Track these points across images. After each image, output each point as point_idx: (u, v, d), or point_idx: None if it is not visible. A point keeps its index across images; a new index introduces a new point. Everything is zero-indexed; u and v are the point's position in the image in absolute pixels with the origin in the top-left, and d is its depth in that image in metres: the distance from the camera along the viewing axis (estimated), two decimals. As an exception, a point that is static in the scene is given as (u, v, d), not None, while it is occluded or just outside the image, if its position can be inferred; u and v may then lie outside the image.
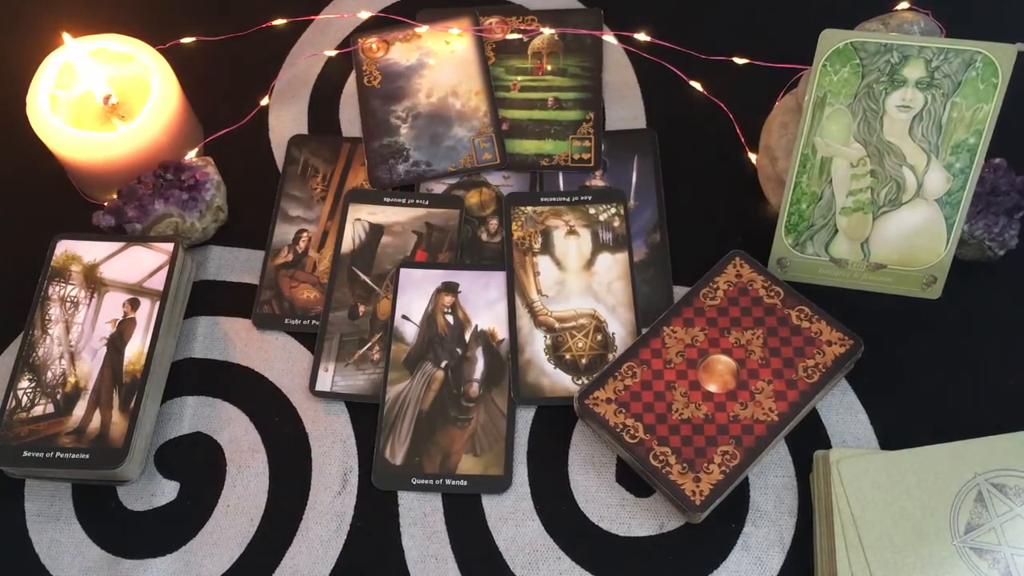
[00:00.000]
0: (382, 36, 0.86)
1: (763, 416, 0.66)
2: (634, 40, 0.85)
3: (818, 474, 0.65)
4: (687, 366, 0.68)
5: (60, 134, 0.74)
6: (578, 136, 0.81)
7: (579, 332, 0.72)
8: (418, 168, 0.80)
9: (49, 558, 0.67)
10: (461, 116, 0.81)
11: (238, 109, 0.83)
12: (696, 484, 0.64)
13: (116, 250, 0.73)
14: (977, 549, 0.60)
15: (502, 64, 0.84)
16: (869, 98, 0.68)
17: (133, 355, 0.69)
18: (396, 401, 0.70)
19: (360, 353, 0.72)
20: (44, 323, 0.71)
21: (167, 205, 0.74)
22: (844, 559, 0.61)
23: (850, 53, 0.67)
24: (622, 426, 0.66)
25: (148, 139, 0.75)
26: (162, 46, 0.80)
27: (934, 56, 0.66)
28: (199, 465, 0.70)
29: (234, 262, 0.77)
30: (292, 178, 0.80)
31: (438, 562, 0.66)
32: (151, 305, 0.71)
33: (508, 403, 0.70)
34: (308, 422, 0.71)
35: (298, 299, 0.75)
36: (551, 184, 0.79)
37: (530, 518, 0.67)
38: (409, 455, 0.68)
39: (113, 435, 0.66)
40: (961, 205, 0.68)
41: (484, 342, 0.72)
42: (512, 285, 0.74)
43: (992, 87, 0.66)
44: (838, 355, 0.68)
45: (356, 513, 0.67)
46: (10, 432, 0.66)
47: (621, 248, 0.75)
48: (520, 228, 0.76)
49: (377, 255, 0.76)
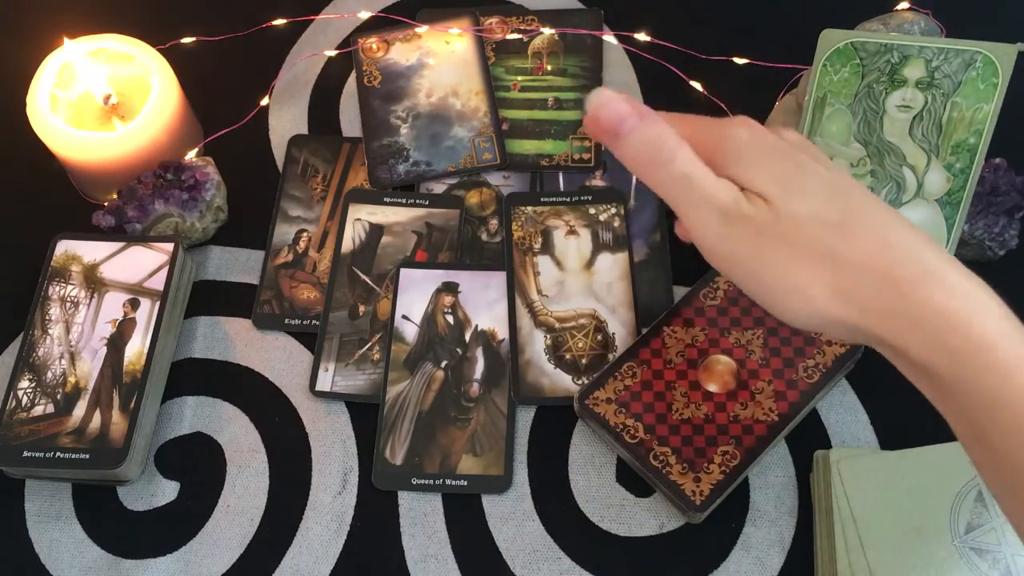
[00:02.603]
0: (382, 36, 0.85)
1: (763, 416, 0.66)
2: (634, 40, 0.85)
3: (818, 474, 0.65)
4: (687, 366, 0.68)
5: (60, 134, 0.74)
6: (578, 136, 0.81)
7: (579, 332, 0.72)
8: (418, 168, 0.80)
9: (49, 558, 0.67)
10: (461, 116, 0.81)
11: (238, 109, 0.83)
12: (696, 484, 0.64)
13: (116, 250, 0.73)
14: (977, 549, 0.60)
15: (502, 64, 0.84)
16: (869, 98, 0.68)
17: (133, 355, 0.69)
18: (396, 401, 0.70)
19: (360, 353, 0.72)
20: (44, 323, 0.71)
21: (167, 205, 0.74)
22: (844, 559, 0.61)
23: (850, 53, 0.67)
24: (622, 426, 0.66)
25: (148, 139, 0.75)
26: (162, 46, 0.80)
27: (934, 56, 0.66)
28: (199, 465, 0.70)
29: (234, 262, 0.77)
30: (292, 178, 0.80)
31: (438, 562, 0.66)
32: (151, 305, 0.71)
33: (508, 403, 0.70)
34: (308, 422, 0.71)
35: (298, 299, 0.75)
36: (551, 184, 0.79)
37: (530, 518, 0.67)
38: (409, 455, 0.68)
39: (113, 435, 0.66)
40: (961, 205, 0.68)
41: (484, 342, 0.72)
42: (512, 285, 0.74)
43: (992, 87, 0.66)
44: (838, 355, 0.68)
45: (356, 513, 0.67)
46: (10, 432, 0.66)
47: (621, 248, 0.75)
48: (520, 228, 0.76)
49: (377, 255, 0.76)
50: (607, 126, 0.45)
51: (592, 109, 0.46)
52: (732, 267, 0.46)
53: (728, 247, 0.46)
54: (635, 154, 0.46)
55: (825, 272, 0.45)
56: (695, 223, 0.46)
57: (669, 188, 0.46)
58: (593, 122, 0.46)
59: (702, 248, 0.47)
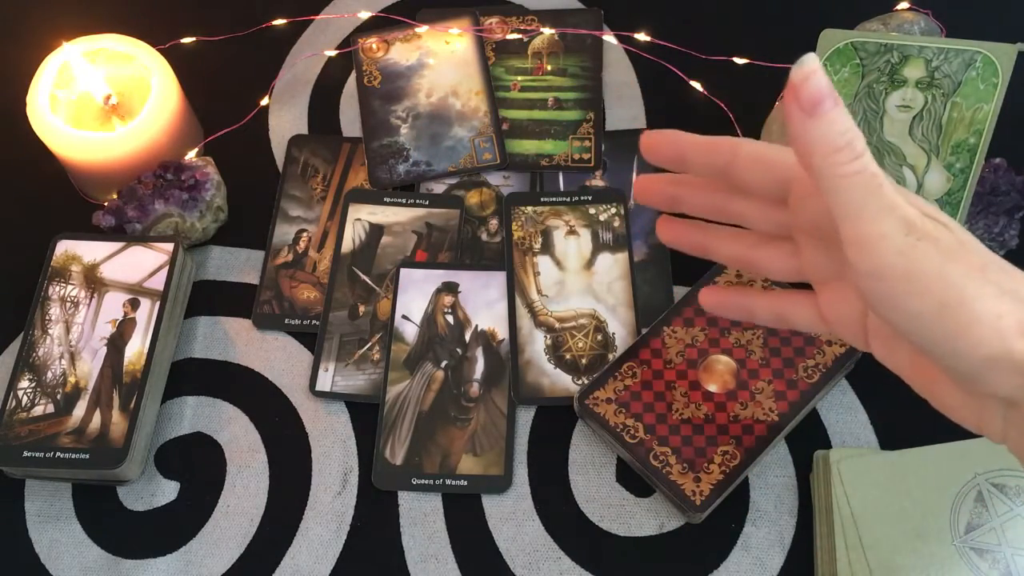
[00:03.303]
0: (382, 36, 0.86)
1: (763, 416, 0.66)
2: (634, 40, 0.85)
3: (818, 474, 0.65)
4: (687, 366, 0.68)
5: (60, 134, 0.74)
6: (578, 136, 0.81)
7: (579, 332, 0.72)
8: (418, 168, 0.80)
9: (49, 558, 0.67)
10: (461, 116, 0.81)
11: (238, 109, 0.83)
12: (696, 484, 0.64)
13: (116, 250, 0.73)
14: (977, 549, 0.60)
15: (502, 64, 0.84)
16: (869, 98, 0.68)
17: (133, 355, 0.69)
18: (396, 401, 0.70)
19: (360, 353, 0.72)
20: (44, 323, 0.71)
21: (167, 205, 0.74)
22: (844, 559, 0.61)
23: (850, 53, 0.67)
24: (622, 426, 0.66)
25: (148, 139, 0.75)
26: (162, 46, 0.80)
27: (934, 56, 0.66)
28: (199, 465, 0.70)
29: (234, 262, 0.77)
30: (292, 178, 0.80)
31: (438, 562, 0.66)
32: (151, 305, 0.71)
33: (508, 403, 0.70)
34: (308, 422, 0.71)
35: (298, 299, 0.75)
36: (551, 184, 0.79)
37: (530, 518, 0.67)
38: (409, 455, 0.68)
39: (113, 435, 0.66)
40: (961, 205, 0.68)
41: (484, 342, 0.72)
42: (512, 285, 0.74)
43: (992, 87, 0.66)
44: (838, 355, 0.68)
45: (356, 513, 0.67)
46: (10, 432, 0.66)
47: (621, 248, 0.75)
48: (520, 228, 0.76)
49: (377, 255, 0.76)
50: (806, 100, 0.40)
51: (798, 77, 0.40)
52: (908, 286, 0.41)
53: (908, 263, 0.41)
54: (821, 140, 0.41)
55: (1015, 309, 0.40)
56: (871, 232, 0.41)
57: (851, 186, 0.41)
58: (793, 90, 0.40)
59: (870, 262, 0.41)
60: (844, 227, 0.41)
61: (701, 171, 0.49)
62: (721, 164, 0.48)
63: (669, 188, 0.52)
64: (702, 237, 0.53)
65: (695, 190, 0.51)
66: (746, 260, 0.52)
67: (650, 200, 0.54)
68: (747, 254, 0.52)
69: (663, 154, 0.49)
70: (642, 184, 0.54)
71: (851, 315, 0.48)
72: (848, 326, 0.48)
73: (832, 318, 0.49)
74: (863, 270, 0.41)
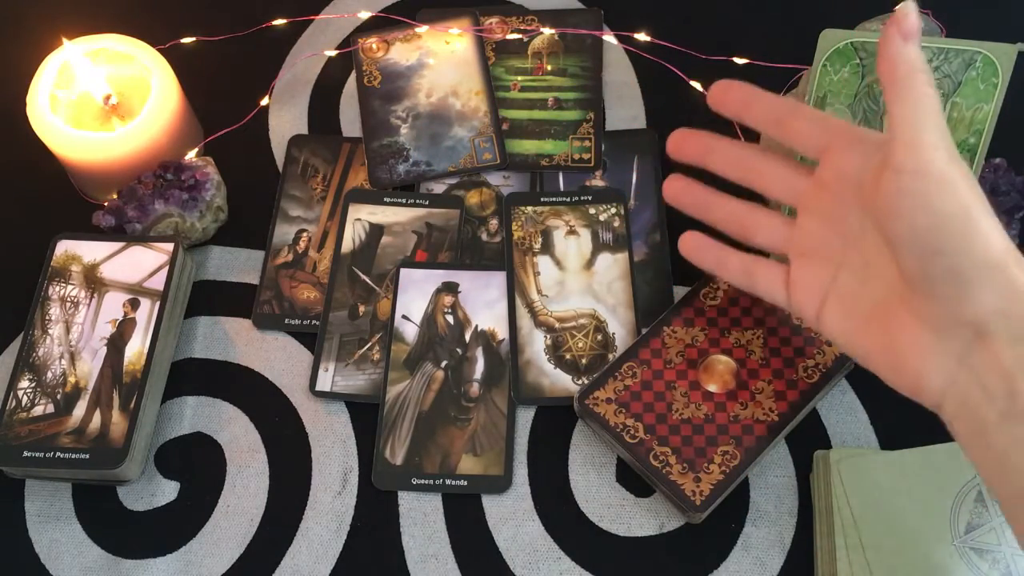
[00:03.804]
0: (382, 36, 0.86)
1: (763, 416, 0.66)
2: (634, 40, 0.85)
3: (818, 474, 0.65)
4: (687, 366, 0.68)
5: (60, 134, 0.74)
6: (578, 136, 0.81)
7: (579, 332, 0.72)
8: (418, 168, 0.80)
9: (49, 558, 0.67)
10: (461, 116, 0.81)
11: (238, 109, 0.83)
12: (696, 484, 0.64)
13: (116, 250, 0.73)
14: (977, 549, 0.60)
15: (502, 64, 0.84)
16: (869, 98, 0.68)
17: (133, 355, 0.69)
18: (396, 401, 0.70)
19: (360, 353, 0.72)
20: (44, 323, 0.71)
21: (167, 205, 0.74)
22: (844, 559, 0.61)
23: (850, 53, 0.67)
24: (622, 426, 0.66)
25: (148, 139, 0.75)
26: (162, 46, 0.80)
27: (934, 56, 0.66)
28: (199, 465, 0.70)
29: (234, 262, 0.77)
30: (292, 178, 0.80)
31: (438, 562, 0.66)
32: (151, 305, 0.71)
33: (508, 403, 0.70)
34: (308, 422, 0.71)
35: (298, 299, 0.75)
36: (551, 184, 0.79)
37: (530, 518, 0.67)
38: (409, 455, 0.68)
39: (113, 435, 0.66)
40: (961, 205, 0.68)
41: (484, 342, 0.72)
42: (512, 285, 0.74)
43: (992, 87, 0.66)
44: (838, 355, 0.68)
45: (356, 513, 0.67)
46: (10, 432, 0.66)
47: (621, 248, 0.75)
48: (520, 228, 0.76)
49: (377, 255, 0.76)
50: (906, 28, 0.50)
51: (902, 12, 0.50)
52: (943, 186, 0.48)
53: (947, 168, 0.48)
54: (911, 59, 0.49)
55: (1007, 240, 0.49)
56: (927, 139, 0.48)
57: (922, 99, 0.49)
58: (896, 21, 0.50)
59: (918, 161, 0.48)
60: (904, 131, 0.49)
61: (761, 118, 0.58)
62: (784, 112, 0.57)
63: (704, 139, 0.61)
64: (704, 196, 0.62)
65: (729, 144, 0.60)
66: (741, 222, 0.61)
67: (683, 150, 0.62)
68: (744, 216, 0.61)
69: (730, 108, 0.59)
70: (678, 136, 0.62)
71: (814, 286, 0.57)
72: (807, 297, 0.57)
73: (795, 288, 0.58)
74: (910, 167, 0.48)
